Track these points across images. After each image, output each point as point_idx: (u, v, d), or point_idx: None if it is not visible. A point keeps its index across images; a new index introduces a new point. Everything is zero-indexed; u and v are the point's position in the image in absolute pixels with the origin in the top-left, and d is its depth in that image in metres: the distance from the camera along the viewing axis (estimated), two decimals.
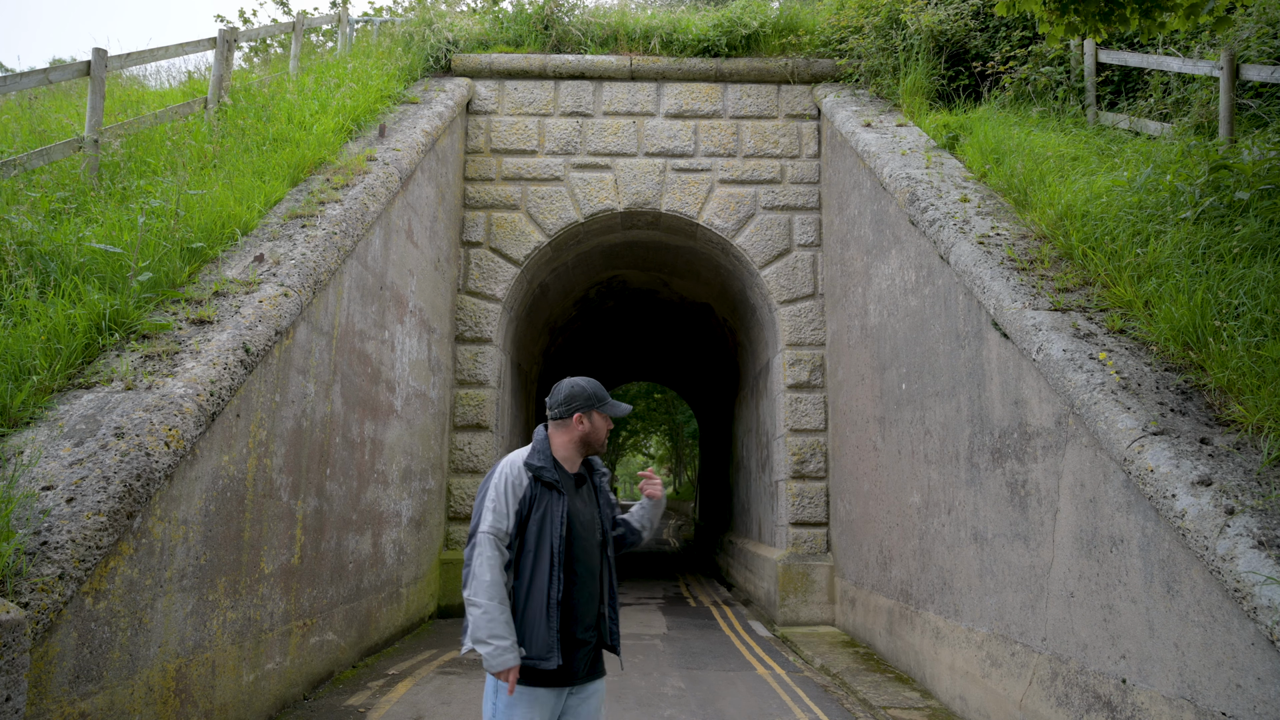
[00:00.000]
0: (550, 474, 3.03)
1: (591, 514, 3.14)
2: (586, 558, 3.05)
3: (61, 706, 3.50)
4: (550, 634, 2.89)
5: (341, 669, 6.89)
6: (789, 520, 9.98)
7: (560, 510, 2.99)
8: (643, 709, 6.07)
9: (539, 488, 3.01)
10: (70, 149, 6.24)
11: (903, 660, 7.14)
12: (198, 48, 8.35)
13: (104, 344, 4.73)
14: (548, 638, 2.89)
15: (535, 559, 2.95)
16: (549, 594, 2.92)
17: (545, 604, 2.92)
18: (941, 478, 6.38)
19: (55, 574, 3.39)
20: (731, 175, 10.81)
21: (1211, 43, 7.16)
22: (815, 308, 10.48)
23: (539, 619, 2.91)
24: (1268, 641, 3.09)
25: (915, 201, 7.05)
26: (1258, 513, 3.34)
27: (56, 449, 3.93)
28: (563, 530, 2.97)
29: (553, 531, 2.97)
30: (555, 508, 3.00)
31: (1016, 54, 9.02)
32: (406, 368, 8.60)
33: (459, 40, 11.27)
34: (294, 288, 5.77)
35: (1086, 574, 4.35)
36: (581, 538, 3.04)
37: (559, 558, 2.94)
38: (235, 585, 5.09)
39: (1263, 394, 3.75)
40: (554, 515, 2.98)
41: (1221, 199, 5.10)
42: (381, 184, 7.76)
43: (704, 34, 11.03)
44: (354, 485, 7.12)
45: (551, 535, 2.96)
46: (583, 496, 3.14)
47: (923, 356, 6.86)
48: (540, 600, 2.93)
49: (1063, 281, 5.33)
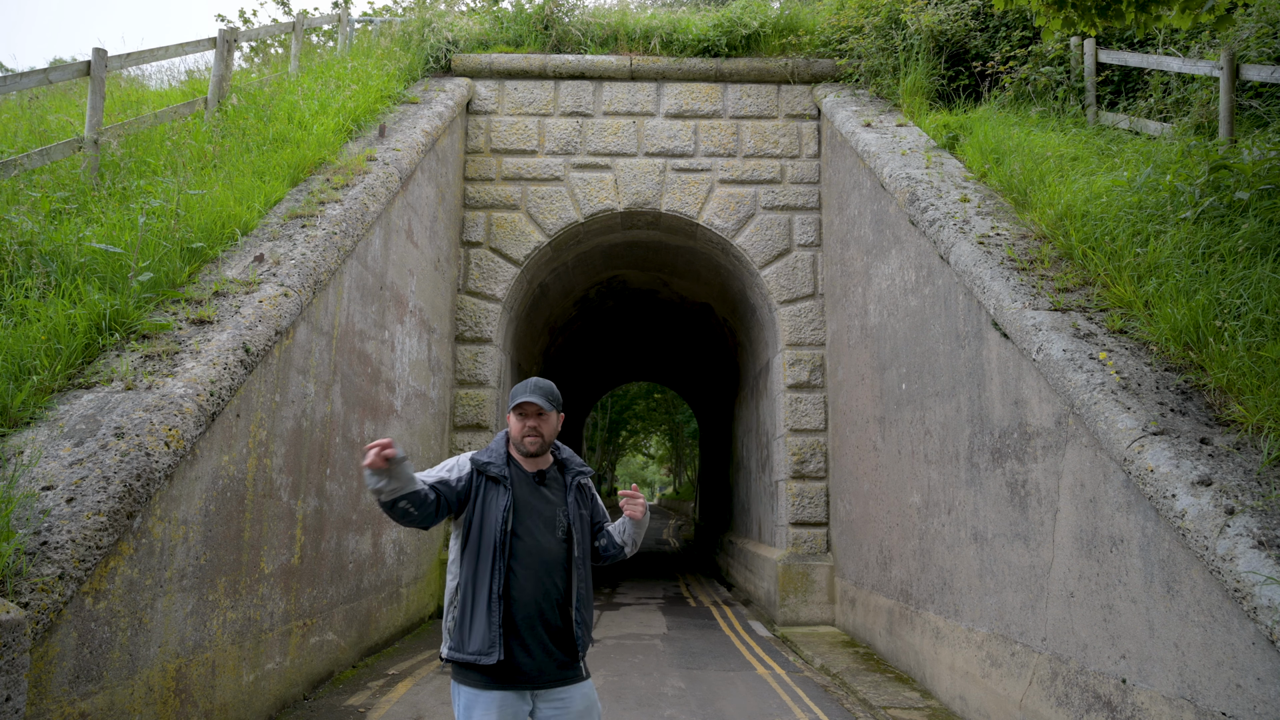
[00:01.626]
0: (497, 469, 3.02)
1: (553, 513, 3.05)
2: (540, 552, 2.96)
3: (61, 706, 3.50)
4: (491, 628, 2.83)
5: (341, 669, 6.89)
6: (789, 520, 9.98)
7: (503, 502, 2.95)
8: (643, 709, 6.07)
9: (481, 480, 3.01)
10: (70, 149, 6.24)
11: (903, 660, 7.14)
12: (198, 48, 8.34)
13: (104, 344, 4.73)
14: (488, 632, 2.83)
15: (478, 552, 2.93)
16: (490, 587, 2.88)
17: (487, 598, 2.87)
18: (941, 478, 6.38)
19: (55, 574, 3.39)
20: (731, 175, 10.81)
21: (1211, 43, 7.16)
22: (815, 308, 10.48)
23: (480, 613, 2.87)
24: (1268, 641, 3.09)
25: (915, 201, 7.05)
26: (1258, 513, 3.34)
27: (56, 449, 3.93)
28: (503, 524, 2.92)
29: (493, 524, 2.94)
30: (498, 500, 2.97)
31: (1016, 54, 9.02)
32: (406, 368, 8.60)
33: (459, 40, 11.27)
34: (294, 288, 5.77)
35: (1086, 574, 4.35)
36: (532, 533, 2.97)
37: (499, 550, 2.90)
38: (235, 585, 5.09)
39: (1263, 394, 3.75)
40: (496, 507, 2.95)
41: (1221, 199, 5.10)
42: (381, 184, 7.76)
43: (704, 34, 11.03)
44: (354, 485, 7.12)
45: (492, 527, 2.93)
46: (544, 494, 3.07)
47: (923, 356, 6.86)
48: (483, 594, 2.89)
49: (1063, 281, 5.33)
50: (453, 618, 2.94)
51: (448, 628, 2.95)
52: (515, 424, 3.07)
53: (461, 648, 2.87)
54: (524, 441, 3.06)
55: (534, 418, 3.06)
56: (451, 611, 2.96)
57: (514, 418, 3.08)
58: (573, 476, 3.17)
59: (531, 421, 3.06)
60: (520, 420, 3.06)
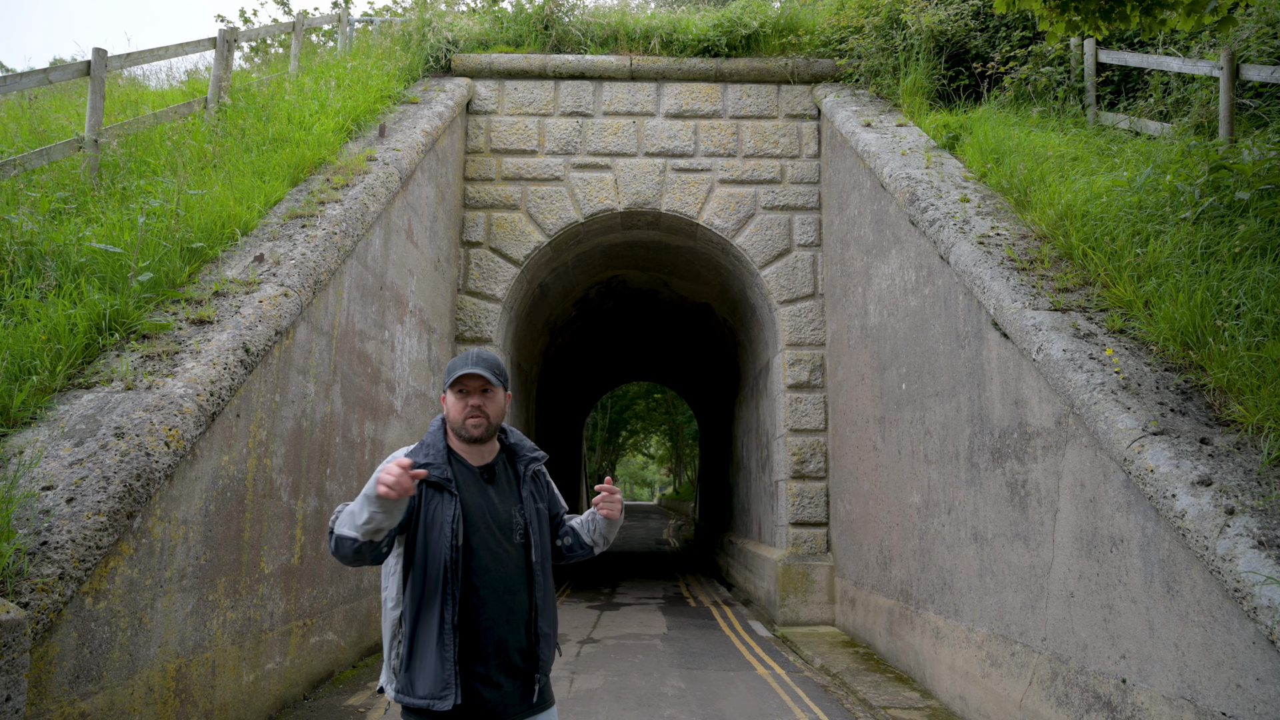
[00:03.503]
0: (438, 472, 2.50)
1: (509, 513, 2.57)
2: (498, 567, 2.49)
3: (61, 706, 3.50)
4: (445, 666, 2.36)
5: (342, 669, 6.89)
6: (789, 520, 9.98)
7: (449, 513, 2.46)
8: (643, 709, 6.07)
9: (420, 487, 2.48)
10: (70, 149, 6.24)
11: (903, 660, 7.14)
12: (198, 48, 8.34)
13: (104, 344, 4.74)
14: (440, 671, 2.36)
15: (425, 575, 2.44)
16: (442, 616, 2.40)
17: (438, 630, 2.39)
18: (941, 478, 6.38)
19: (55, 574, 3.39)
20: (731, 175, 10.81)
21: (1212, 43, 7.16)
22: (815, 308, 10.48)
23: (429, 649, 2.39)
24: (1268, 641, 3.09)
25: (915, 201, 7.05)
26: (1258, 513, 3.34)
27: (57, 449, 3.93)
28: (453, 539, 2.43)
29: (441, 541, 2.44)
30: (443, 510, 2.47)
31: (1017, 54, 9.02)
32: (406, 368, 8.60)
33: (459, 40, 11.27)
34: (294, 288, 5.77)
35: (1086, 574, 4.35)
36: (487, 544, 2.50)
37: (449, 571, 2.42)
38: (235, 585, 5.09)
39: (1263, 394, 3.75)
40: (442, 519, 2.46)
41: (1221, 199, 5.10)
42: (381, 184, 7.76)
43: (704, 34, 11.03)
44: (354, 485, 7.12)
45: (441, 546, 2.43)
46: (495, 493, 2.59)
47: (923, 356, 6.86)
48: (431, 626, 2.40)
49: (1063, 281, 5.33)
50: (397, 655, 2.46)
51: (392, 666, 2.47)
52: (455, 404, 2.55)
53: (410, 690, 2.41)
54: (466, 424, 2.54)
55: (477, 395, 2.55)
56: (395, 647, 2.47)
57: (452, 396, 2.56)
58: (525, 466, 2.69)
59: (475, 400, 2.55)
60: (461, 399, 2.55)
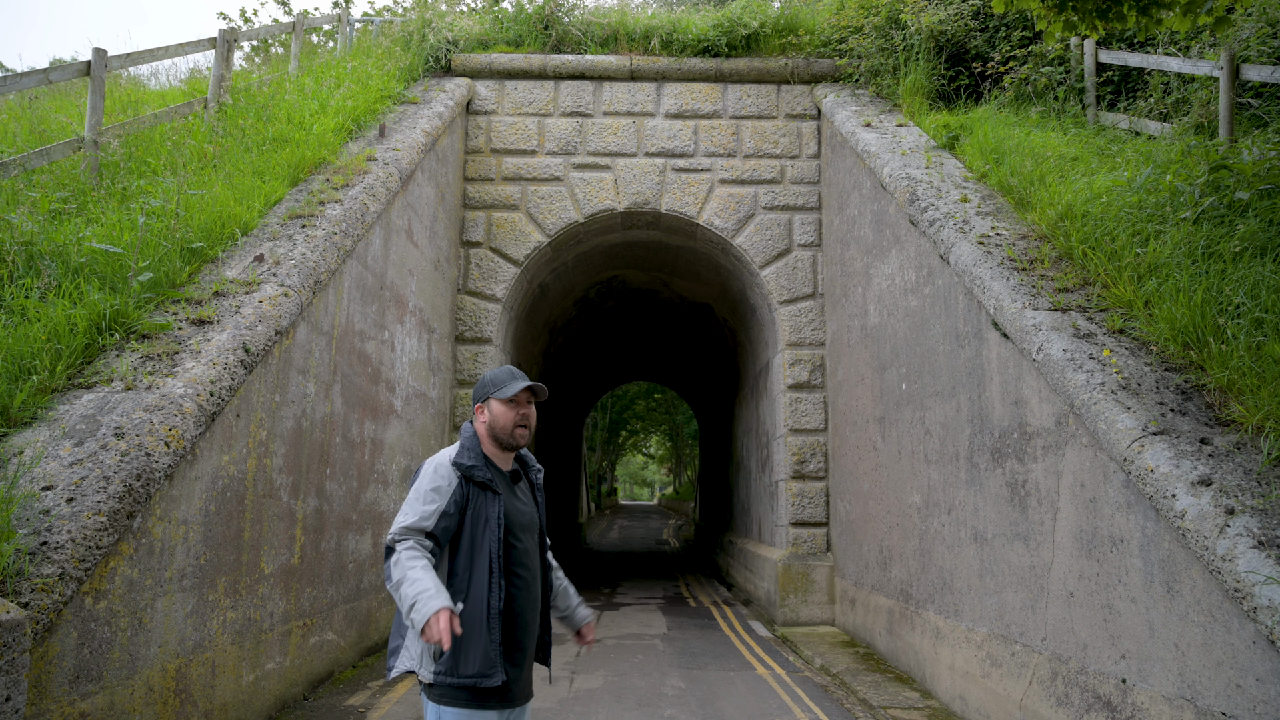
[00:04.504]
0: (482, 473, 2.81)
1: (531, 514, 2.93)
2: (528, 560, 2.84)
3: (61, 706, 3.50)
4: (493, 647, 2.67)
5: (341, 669, 6.89)
6: (789, 520, 9.98)
7: (496, 511, 2.78)
8: (643, 709, 6.07)
9: (470, 488, 2.79)
10: (70, 149, 6.24)
11: (903, 660, 7.14)
12: (198, 48, 8.34)
13: (104, 344, 4.73)
14: (489, 651, 2.66)
15: (472, 566, 2.74)
16: (489, 603, 2.70)
17: (485, 614, 2.69)
18: (941, 478, 6.38)
19: (55, 574, 3.39)
20: (731, 175, 10.81)
21: (1211, 43, 7.16)
22: (815, 308, 10.48)
23: (478, 632, 2.67)
24: (1268, 641, 3.09)
25: (915, 201, 7.05)
26: (1258, 513, 3.34)
27: (57, 449, 3.93)
28: (500, 533, 2.75)
29: (489, 535, 2.75)
30: (490, 509, 2.78)
31: (1016, 54, 9.02)
32: (406, 368, 8.60)
33: (459, 40, 11.27)
34: (294, 288, 5.77)
35: (1086, 574, 4.35)
36: (521, 540, 2.83)
37: (498, 563, 2.73)
38: (235, 585, 5.09)
39: (1263, 394, 3.75)
40: (490, 517, 2.77)
41: (1221, 199, 5.10)
42: (381, 184, 7.76)
43: (704, 34, 11.03)
44: (354, 485, 7.12)
45: (489, 539, 2.74)
46: (520, 495, 2.93)
47: (923, 356, 6.86)
48: (479, 611, 2.69)
49: (1063, 281, 5.33)
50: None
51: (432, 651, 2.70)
52: (505, 413, 2.86)
53: (454, 671, 2.66)
54: (515, 433, 2.87)
55: (526, 406, 2.90)
56: None
57: (503, 407, 2.86)
58: (534, 474, 3.05)
59: (525, 409, 2.89)
60: (512, 409, 2.87)
